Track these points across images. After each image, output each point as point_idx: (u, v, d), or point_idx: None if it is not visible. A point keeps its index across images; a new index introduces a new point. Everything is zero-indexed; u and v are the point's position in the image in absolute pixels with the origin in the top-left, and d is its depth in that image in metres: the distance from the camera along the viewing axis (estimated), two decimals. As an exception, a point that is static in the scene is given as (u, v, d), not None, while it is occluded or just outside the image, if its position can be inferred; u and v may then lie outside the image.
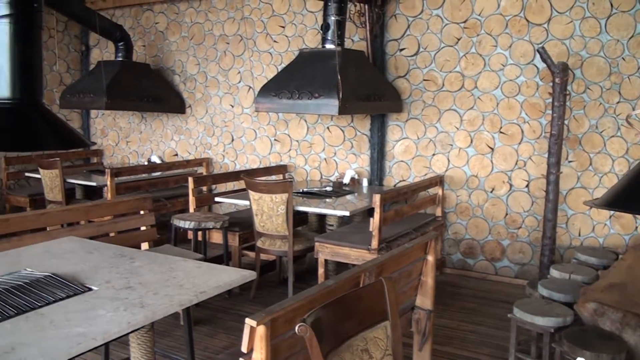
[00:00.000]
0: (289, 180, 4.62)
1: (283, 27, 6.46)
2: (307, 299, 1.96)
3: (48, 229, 3.92)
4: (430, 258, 2.94)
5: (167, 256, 2.81)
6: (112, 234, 4.21)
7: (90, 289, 2.33)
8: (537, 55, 5.02)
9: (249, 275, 2.53)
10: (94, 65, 7.76)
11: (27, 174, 7.19)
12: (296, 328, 1.53)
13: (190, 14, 7.18)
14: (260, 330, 1.70)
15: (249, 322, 1.70)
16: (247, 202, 4.76)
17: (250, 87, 6.75)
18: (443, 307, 4.58)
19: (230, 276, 2.49)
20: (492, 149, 5.47)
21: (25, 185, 7.60)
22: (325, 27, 5.27)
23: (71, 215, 4.09)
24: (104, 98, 6.33)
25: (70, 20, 7.66)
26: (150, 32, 7.57)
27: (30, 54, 2.25)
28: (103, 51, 8.07)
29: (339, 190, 5.41)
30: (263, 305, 4.59)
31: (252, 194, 4.59)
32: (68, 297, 2.25)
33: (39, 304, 2.17)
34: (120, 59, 6.99)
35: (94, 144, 7.98)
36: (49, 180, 6.12)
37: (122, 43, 6.99)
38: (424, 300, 3.00)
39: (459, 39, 5.51)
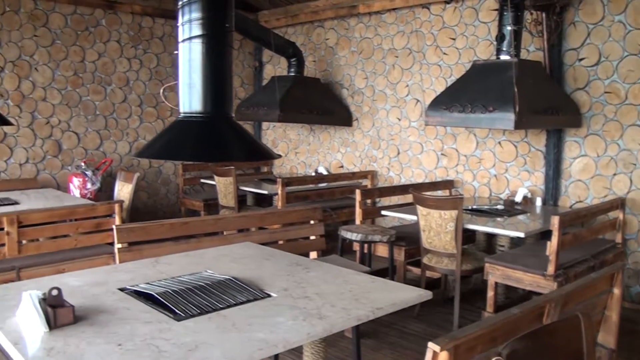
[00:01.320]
0: (460, 196, 4.48)
1: (454, 39, 6.33)
2: (490, 327, 1.85)
3: (224, 233, 4.14)
4: (617, 291, 2.67)
5: (341, 268, 2.82)
6: (280, 242, 4.34)
7: (269, 295, 2.40)
8: None
9: (425, 295, 2.45)
10: (267, 80, 8.16)
11: (202, 180, 7.69)
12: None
13: (360, 29, 7.29)
14: (443, 356, 1.63)
15: (432, 346, 1.63)
16: (414, 217, 4.69)
17: (418, 101, 6.69)
18: (619, 345, 4.16)
19: (406, 294, 2.43)
20: (681, 170, 4.93)
21: (200, 191, 8.14)
22: (500, 38, 5.08)
23: (245, 222, 4.28)
24: (277, 111, 6.60)
25: (245, 39, 8.12)
26: (321, 47, 7.79)
27: (221, 71, 2.37)
28: (275, 67, 8.46)
29: (510, 209, 5.15)
30: (427, 324, 4.56)
31: (420, 209, 4.51)
32: (248, 301, 2.32)
33: (221, 306, 2.25)
34: (293, 74, 7.27)
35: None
36: (223, 187, 6.49)
37: (294, 59, 7.26)
38: (607, 337, 2.74)
39: (645, 47, 5.05)
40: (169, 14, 7.62)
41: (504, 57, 5.05)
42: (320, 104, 7.12)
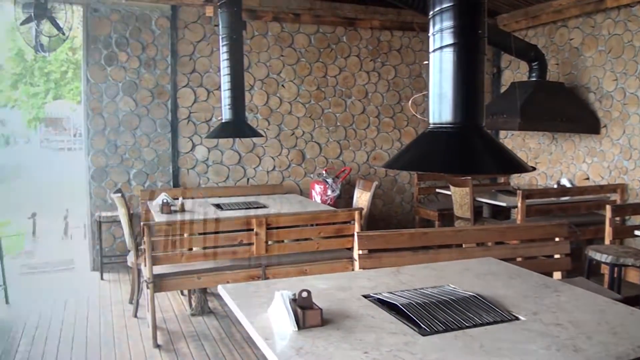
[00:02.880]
0: None
1: None
2: None
3: (463, 246, 4.05)
4: None
5: (596, 295, 2.58)
6: (518, 259, 4.13)
7: (517, 318, 2.28)
8: None
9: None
10: (505, 86, 7.86)
11: (437, 190, 7.67)
12: None
13: (608, 26, 6.66)
14: None
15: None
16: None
17: (679, 105, 5.92)
18: None
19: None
20: None
21: (434, 200, 8.12)
22: None
23: (485, 235, 4.16)
24: (517, 119, 6.31)
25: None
26: (564, 49, 7.29)
27: (472, 80, 2.30)
28: (514, 72, 8.12)
29: None
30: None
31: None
32: (495, 322, 2.23)
33: (467, 325, 2.19)
34: (534, 78, 6.90)
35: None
36: (459, 197, 6.38)
37: (535, 63, 6.89)
38: None
39: None
40: (407, 25, 7.75)
41: None
42: (564, 110, 6.65)
